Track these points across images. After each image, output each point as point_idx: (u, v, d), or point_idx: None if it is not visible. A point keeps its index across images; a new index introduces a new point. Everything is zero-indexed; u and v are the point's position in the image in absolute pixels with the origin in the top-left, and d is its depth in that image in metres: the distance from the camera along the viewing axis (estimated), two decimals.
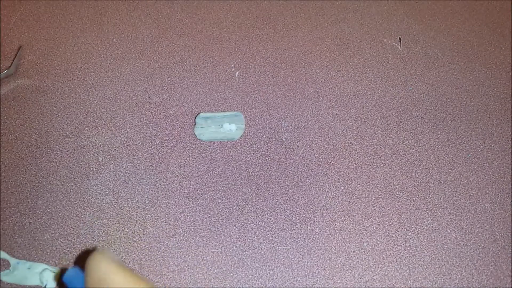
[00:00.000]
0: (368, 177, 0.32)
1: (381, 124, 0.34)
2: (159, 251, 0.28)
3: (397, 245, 0.29)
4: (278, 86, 0.36)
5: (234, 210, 0.30)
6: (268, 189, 0.31)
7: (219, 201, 0.30)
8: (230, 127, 0.32)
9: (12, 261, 0.27)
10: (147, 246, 0.28)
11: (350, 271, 0.28)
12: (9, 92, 0.34)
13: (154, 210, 0.30)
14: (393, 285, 0.28)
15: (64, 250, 0.28)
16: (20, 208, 0.29)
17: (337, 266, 0.28)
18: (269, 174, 0.32)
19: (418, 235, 0.30)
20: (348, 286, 0.28)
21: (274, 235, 0.29)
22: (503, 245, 0.30)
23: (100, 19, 0.39)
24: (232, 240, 0.29)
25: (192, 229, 0.29)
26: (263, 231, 0.29)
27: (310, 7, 0.40)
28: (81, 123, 0.33)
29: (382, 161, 0.33)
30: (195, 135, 0.33)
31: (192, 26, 0.39)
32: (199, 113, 0.33)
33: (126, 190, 0.30)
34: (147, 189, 0.30)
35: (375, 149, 0.33)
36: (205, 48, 0.37)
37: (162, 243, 0.29)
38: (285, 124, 0.34)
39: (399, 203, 0.31)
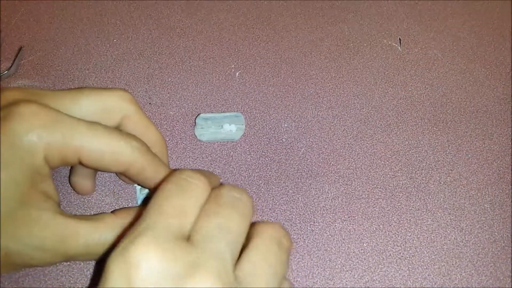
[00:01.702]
0: (368, 177, 0.32)
1: (381, 124, 0.34)
2: None
3: (397, 245, 0.29)
4: (278, 87, 0.36)
5: None
6: (268, 189, 0.31)
7: None
8: (230, 128, 0.33)
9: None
10: None
11: (350, 272, 0.28)
12: None
13: None
14: (393, 285, 0.28)
15: None
16: None
17: (337, 266, 0.29)
18: (269, 175, 0.32)
19: (418, 236, 0.30)
20: (348, 287, 0.28)
21: None
22: (503, 246, 0.30)
23: (101, 19, 0.39)
24: None
25: None
26: None
27: (310, 8, 0.41)
28: None
29: (382, 162, 0.33)
30: (195, 135, 0.33)
31: (193, 26, 0.39)
32: (199, 114, 0.33)
33: (126, 191, 0.30)
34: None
35: (375, 149, 0.33)
36: (205, 49, 0.37)
37: None
38: (285, 125, 0.34)
39: (399, 204, 0.31)
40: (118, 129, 0.24)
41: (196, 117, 0.33)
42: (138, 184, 0.28)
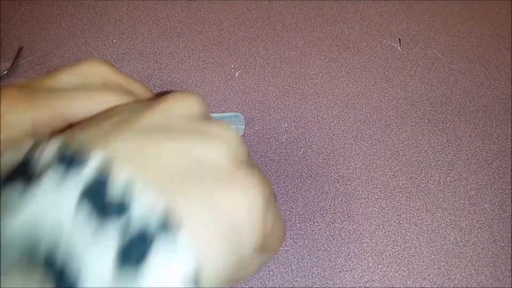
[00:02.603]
0: (368, 177, 0.32)
1: (380, 124, 0.34)
2: None
3: (397, 245, 0.29)
4: (278, 87, 0.36)
5: None
6: None
7: None
8: None
9: None
10: None
11: (350, 272, 0.28)
12: None
13: None
14: (392, 285, 0.28)
15: None
16: None
17: (336, 266, 0.29)
18: (269, 175, 0.32)
19: (418, 236, 0.30)
20: (348, 287, 0.28)
21: None
22: (502, 246, 0.30)
23: (100, 19, 0.39)
24: None
25: None
26: None
27: (310, 8, 0.41)
28: None
29: (382, 162, 0.33)
30: None
31: (192, 26, 0.39)
32: None
33: None
34: None
35: (374, 149, 0.33)
36: (205, 48, 0.37)
37: None
38: (285, 125, 0.34)
39: (399, 204, 0.31)
40: (100, 86, 0.25)
41: None
42: None
